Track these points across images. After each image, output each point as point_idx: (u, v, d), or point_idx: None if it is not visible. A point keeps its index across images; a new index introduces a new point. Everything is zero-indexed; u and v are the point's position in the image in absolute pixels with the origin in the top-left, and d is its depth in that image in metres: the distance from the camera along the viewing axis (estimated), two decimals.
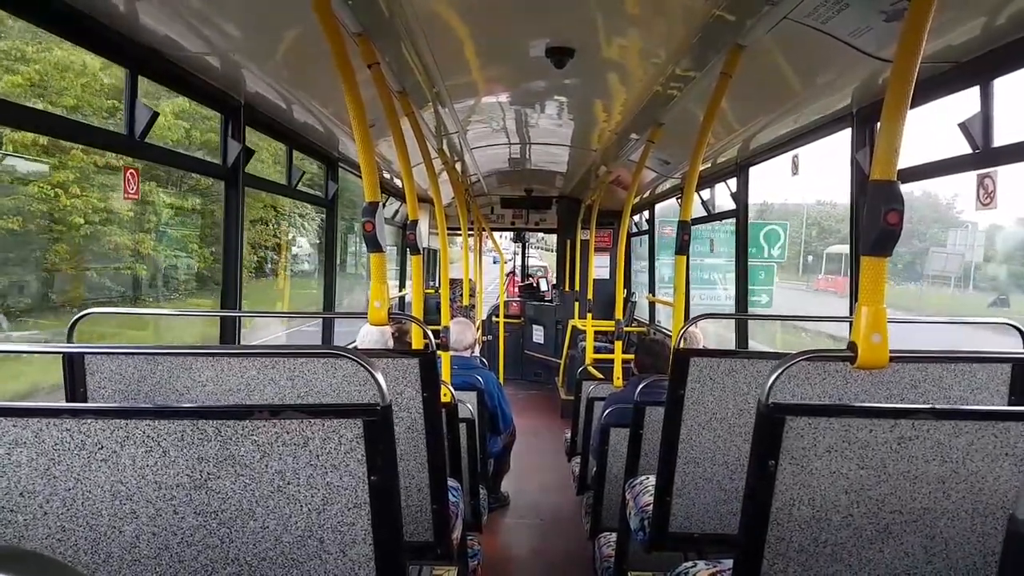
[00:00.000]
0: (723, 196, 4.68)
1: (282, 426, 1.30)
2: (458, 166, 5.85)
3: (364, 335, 3.43)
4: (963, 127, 2.15)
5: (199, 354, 2.10)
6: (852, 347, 1.39)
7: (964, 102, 2.18)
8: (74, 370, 2.08)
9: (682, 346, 2.24)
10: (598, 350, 6.38)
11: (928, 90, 2.24)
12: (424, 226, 7.02)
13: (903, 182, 1.38)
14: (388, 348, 3.35)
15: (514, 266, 12.54)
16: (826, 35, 2.21)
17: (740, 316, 4.22)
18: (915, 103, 1.40)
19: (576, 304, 7.62)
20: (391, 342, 3.51)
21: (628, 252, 7.87)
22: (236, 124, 2.91)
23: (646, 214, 7.20)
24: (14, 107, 2.02)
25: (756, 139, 3.69)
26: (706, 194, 4.90)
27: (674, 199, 6.06)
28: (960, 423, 1.37)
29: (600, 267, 7.96)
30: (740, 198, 4.21)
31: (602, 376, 5.25)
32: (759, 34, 2.31)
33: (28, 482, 1.29)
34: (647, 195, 6.61)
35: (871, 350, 1.37)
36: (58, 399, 2.23)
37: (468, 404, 3.31)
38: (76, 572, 0.68)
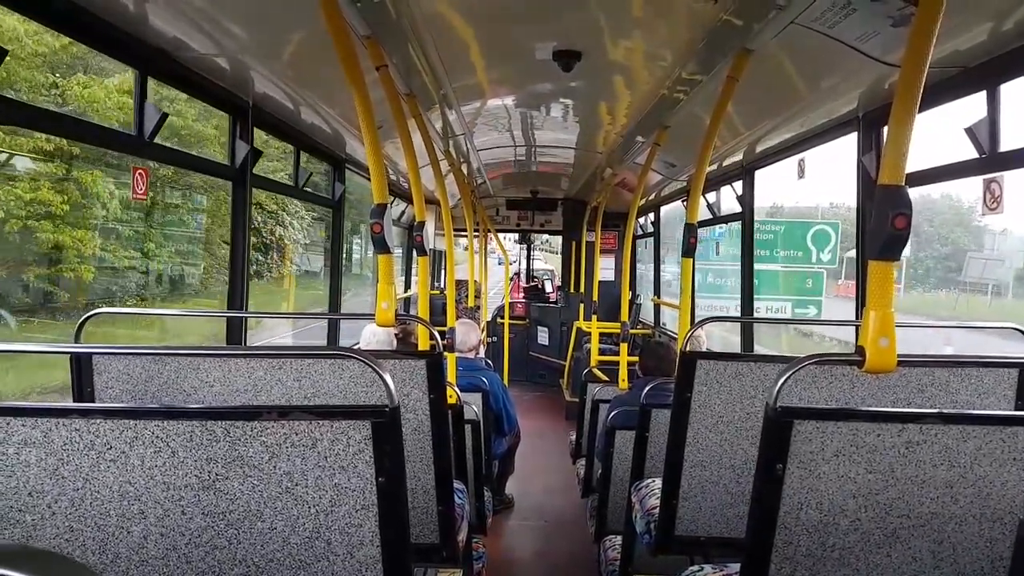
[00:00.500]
0: (729, 200, 4.67)
1: (291, 427, 1.30)
2: (464, 168, 5.86)
3: (370, 336, 3.43)
4: (970, 132, 2.15)
5: (206, 355, 2.11)
6: (860, 351, 1.39)
7: (971, 107, 2.18)
8: (81, 370, 2.09)
9: (688, 349, 2.24)
10: (603, 352, 6.37)
11: (935, 95, 2.24)
12: (430, 227, 7.03)
13: (910, 186, 1.38)
14: (393, 349, 3.36)
15: (519, 268, 12.53)
16: (833, 40, 2.21)
17: (746, 319, 4.21)
18: (922, 108, 1.40)
19: (581, 306, 7.62)
20: (395, 343, 3.51)
21: (634, 254, 7.86)
22: (244, 125, 2.93)
23: (651, 216, 7.19)
24: (24, 107, 2.03)
25: (762, 142, 3.68)
26: (711, 197, 4.89)
27: (680, 201, 6.05)
28: (968, 428, 1.37)
29: (605, 269, 7.96)
30: (746, 201, 4.21)
31: (607, 378, 5.24)
32: (766, 39, 2.31)
33: (37, 482, 1.29)
34: (652, 197, 6.61)
35: (879, 354, 1.37)
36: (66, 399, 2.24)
37: (473, 406, 3.31)
38: (89, 571, 0.69)
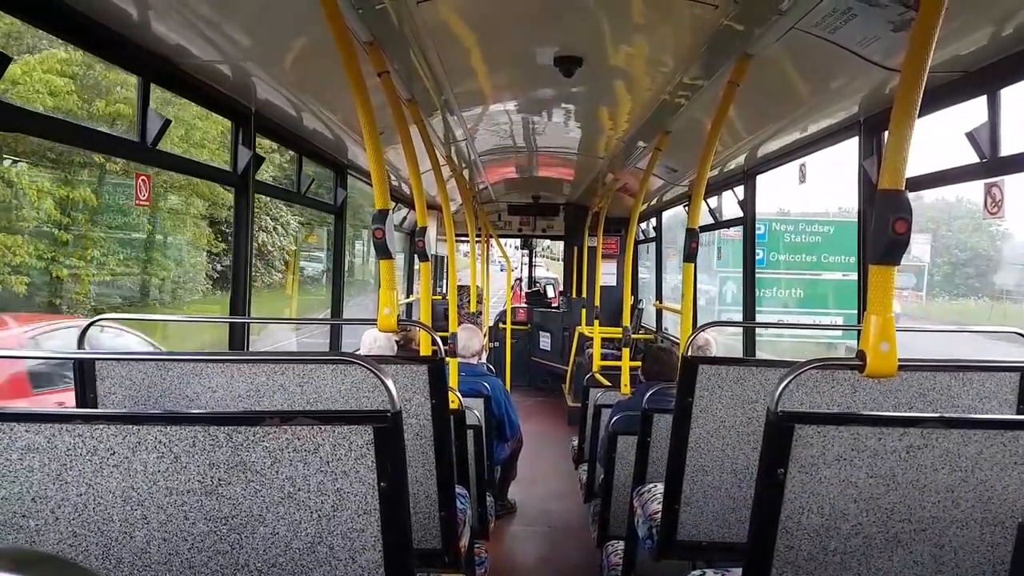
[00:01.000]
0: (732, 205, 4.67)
1: (293, 432, 1.30)
2: (466, 173, 5.87)
3: (371, 341, 3.44)
4: (970, 136, 2.15)
5: (209, 360, 2.11)
6: (861, 356, 1.39)
7: (972, 111, 2.18)
8: (84, 376, 2.09)
9: (691, 354, 2.24)
10: (605, 357, 6.36)
11: (936, 99, 2.24)
12: (432, 233, 7.05)
13: (911, 191, 1.38)
14: (394, 354, 3.36)
15: (520, 274, 12.52)
16: (834, 45, 2.21)
17: (748, 324, 4.21)
18: (922, 112, 1.41)
19: (583, 311, 7.62)
20: (395, 348, 3.51)
21: (635, 259, 7.86)
22: (246, 131, 2.93)
23: (653, 221, 7.20)
24: (27, 114, 2.04)
25: (764, 147, 3.69)
26: (713, 202, 4.90)
27: (681, 206, 6.06)
28: (969, 432, 1.37)
29: (607, 274, 7.96)
30: (748, 206, 4.21)
31: (609, 383, 5.24)
32: (767, 43, 2.32)
33: (40, 487, 1.29)
34: (654, 202, 6.61)
35: (880, 359, 1.37)
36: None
37: (475, 411, 3.31)
38: (93, 574, 0.69)
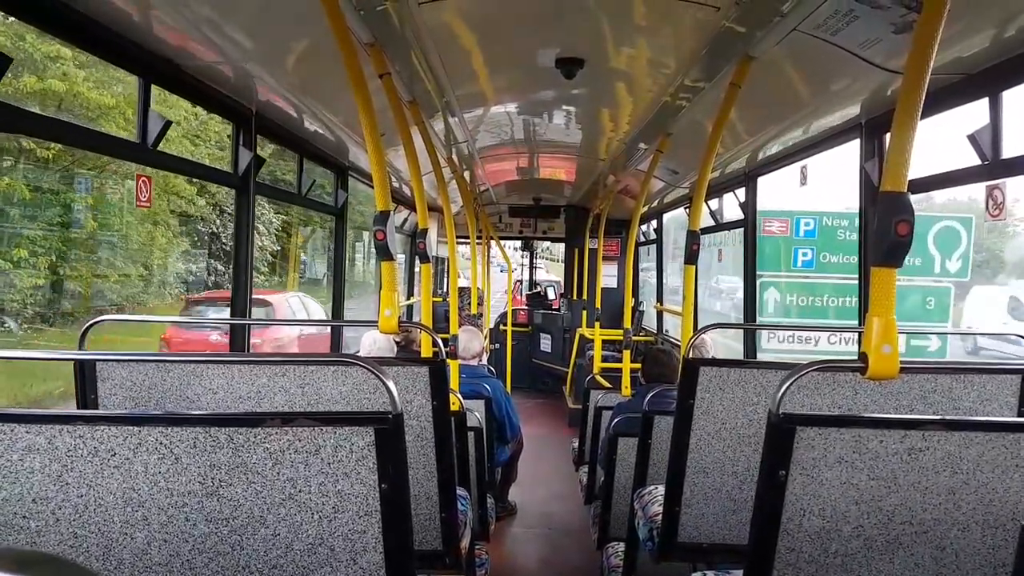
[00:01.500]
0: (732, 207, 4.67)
1: (294, 434, 1.30)
2: (467, 175, 5.88)
3: (371, 343, 3.44)
4: (972, 138, 2.14)
5: (209, 362, 2.11)
6: (863, 358, 1.39)
7: (973, 114, 2.18)
8: (85, 377, 2.09)
9: (691, 356, 2.24)
10: (606, 359, 6.36)
11: (937, 101, 2.24)
12: (433, 235, 7.05)
13: (912, 193, 1.38)
14: (394, 356, 3.36)
15: (521, 276, 12.52)
16: (835, 47, 2.21)
17: (749, 326, 4.21)
18: (924, 114, 1.40)
19: (584, 313, 7.62)
20: (395, 350, 3.51)
21: (636, 261, 7.86)
22: (247, 133, 2.93)
23: (654, 223, 7.20)
24: (27, 114, 2.04)
25: (765, 149, 3.69)
26: (714, 204, 4.90)
27: (682, 208, 6.06)
28: (970, 434, 1.36)
29: (608, 276, 7.97)
30: (749, 208, 4.21)
31: (610, 385, 5.24)
32: (769, 45, 2.32)
33: (41, 488, 1.29)
34: (655, 204, 6.62)
35: (882, 361, 1.37)
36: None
37: (476, 412, 3.31)
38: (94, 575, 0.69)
